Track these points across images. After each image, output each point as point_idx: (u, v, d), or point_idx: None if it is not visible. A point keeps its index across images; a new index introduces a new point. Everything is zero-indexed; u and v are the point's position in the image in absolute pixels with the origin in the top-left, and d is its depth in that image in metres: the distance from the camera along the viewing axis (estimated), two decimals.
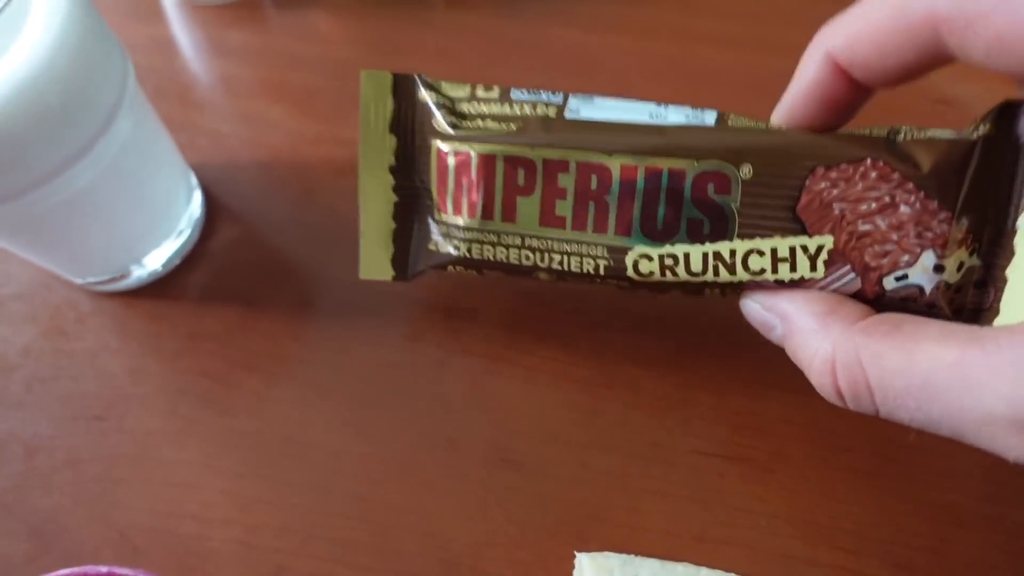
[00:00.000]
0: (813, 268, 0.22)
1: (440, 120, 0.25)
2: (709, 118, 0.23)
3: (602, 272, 0.24)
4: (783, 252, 0.22)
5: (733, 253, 0.22)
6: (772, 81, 0.23)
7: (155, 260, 0.31)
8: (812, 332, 0.20)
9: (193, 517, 0.27)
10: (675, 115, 0.23)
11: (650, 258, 0.23)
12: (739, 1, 0.37)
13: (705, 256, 0.23)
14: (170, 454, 0.28)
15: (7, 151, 0.23)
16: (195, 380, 0.30)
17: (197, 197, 0.33)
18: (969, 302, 0.21)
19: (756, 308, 0.23)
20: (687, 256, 0.23)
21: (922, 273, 0.21)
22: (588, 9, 0.37)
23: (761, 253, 0.22)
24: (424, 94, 0.25)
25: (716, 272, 0.23)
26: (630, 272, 0.23)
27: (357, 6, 0.39)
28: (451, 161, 0.24)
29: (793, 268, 0.22)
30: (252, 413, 0.29)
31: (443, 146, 0.25)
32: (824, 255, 0.22)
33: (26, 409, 0.30)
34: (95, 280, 0.31)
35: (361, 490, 0.27)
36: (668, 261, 0.23)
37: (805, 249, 0.22)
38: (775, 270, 0.22)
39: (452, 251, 0.25)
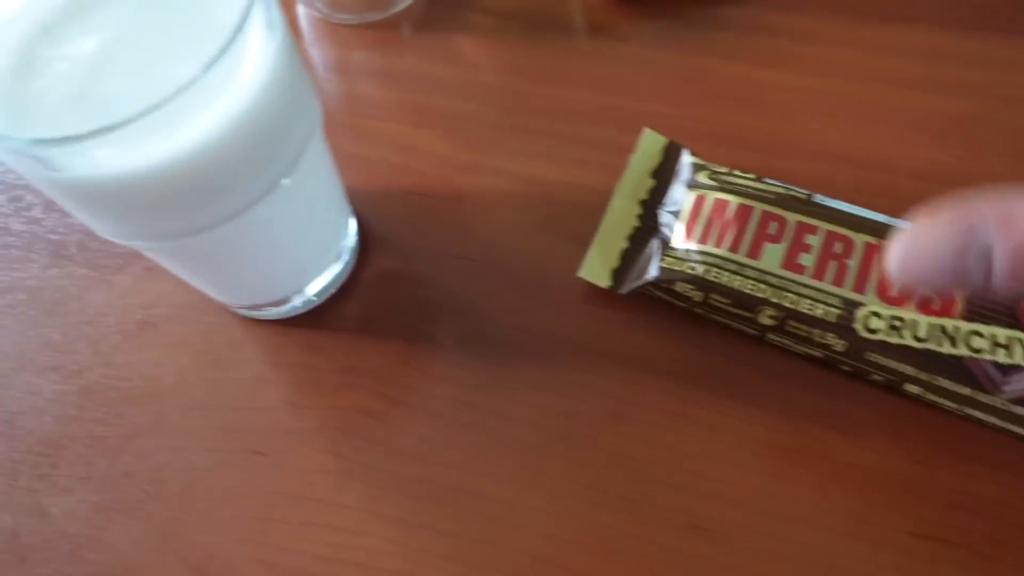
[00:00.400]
0: None
1: (702, 178, 0.30)
2: None
3: (831, 319, 0.26)
4: (1002, 339, 0.25)
5: (957, 329, 0.25)
6: (949, 125, 0.22)
7: (312, 288, 0.30)
8: None
9: (360, 566, 0.26)
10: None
11: (880, 316, 0.25)
12: (915, 40, 0.35)
13: (931, 325, 0.25)
14: (333, 496, 0.27)
15: (218, 184, 0.22)
16: (355, 418, 0.29)
17: (352, 225, 0.32)
18: None
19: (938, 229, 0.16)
20: (915, 322, 0.25)
21: None
22: (753, 43, 0.35)
23: (981, 335, 0.25)
24: (688, 158, 0.31)
25: (939, 342, 0.25)
26: (858, 325, 0.26)
27: (500, 30, 0.38)
28: (708, 204, 0.29)
29: (1010, 355, 0.25)
30: (417, 457, 0.28)
31: (702, 192, 0.29)
32: None
33: (183, 438, 0.29)
34: (251, 305, 0.30)
35: (535, 548, 0.26)
36: (897, 322, 0.25)
37: (1022, 342, 0.25)
38: (992, 352, 0.25)
39: (689, 271, 0.28)
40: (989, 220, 0.15)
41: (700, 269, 0.27)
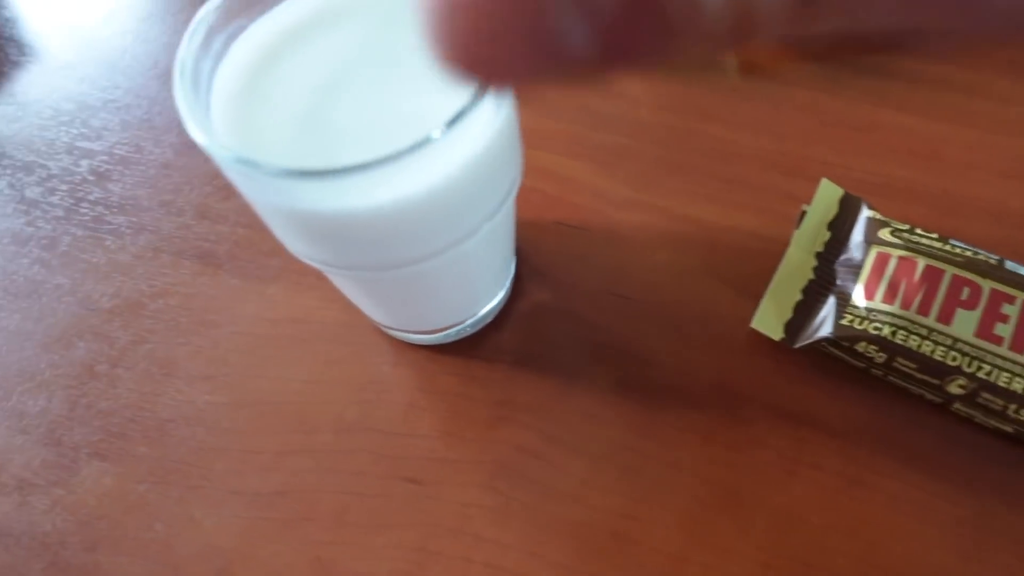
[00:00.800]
0: None
1: (884, 235, 0.29)
2: None
3: None
4: None
5: None
6: None
7: (471, 317, 0.30)
8: None
9: None
10: None
11: None
12: None
13: None
14: (491, 533, 0.27)
15: (433, 227, 0.22)
16: (513, 454, 0.28)
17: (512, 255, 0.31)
18: None
19: None
20: None
21: None
22: (926, 95, 0.34)
23: None
24: (867, 212, 0.30)
25: None
26: None
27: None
28: (892, 263, 0.28)
29: None
30: (578, 500, 0.27)
31: (885, 251, 0.28)
32: None
33: (335, 460, 0.29)
34: (409, 329, 0.30)
35: None
36: None
37: None
38: None
39: (873, 331, 0.26)
40: None
41: (886, 330, 0.26)
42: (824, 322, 0.28)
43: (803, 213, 0.31)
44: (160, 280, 0.33)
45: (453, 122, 0.19)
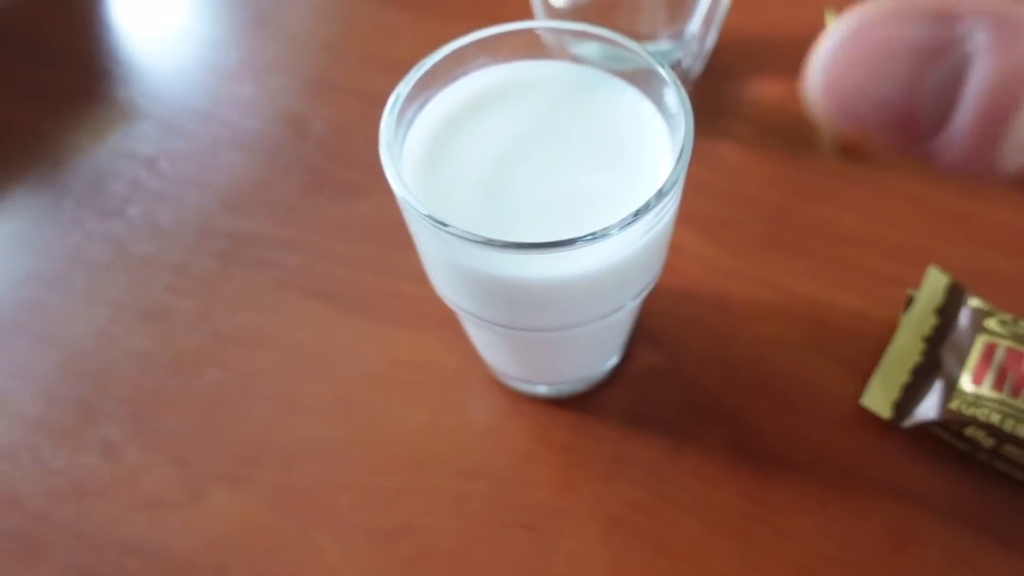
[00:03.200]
0: None
1: (991, 324, 0.30)
2: None
3: None
4: None
5: None
6: None
7: (588, 374, 0.32)
8: None
9: None
10: None
11: None
12: None
13: None
14: None
15: (595, 299, 0.24)
16: (625, 509, 0.29)
17: None
18: None
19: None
20: None
21: None
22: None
23: None
24: (973, 302, 0.31)
25: None
26: None
27: (762, 142, 0.39)
28: (1000, 353, 0.29)
29: None
30: (690, 560, 0.28)
31: (992, 339, 0.30)
32: None
33: (455, 503, 0.30)
34: (528, 380, 0.32)
35: None
36: None
37: None
38: None
39: (983, 417, 0.28)
40: (980, 16, 0.10)
41: (996, 418, 0.28)
42: (932, 405, 0.29)
43: (910, 298, 0.32)
44: (285, 315, 0.35)
45: (631, 221, 0.20)
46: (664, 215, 0.22)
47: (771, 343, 0.33)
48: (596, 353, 0.30)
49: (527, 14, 0.40)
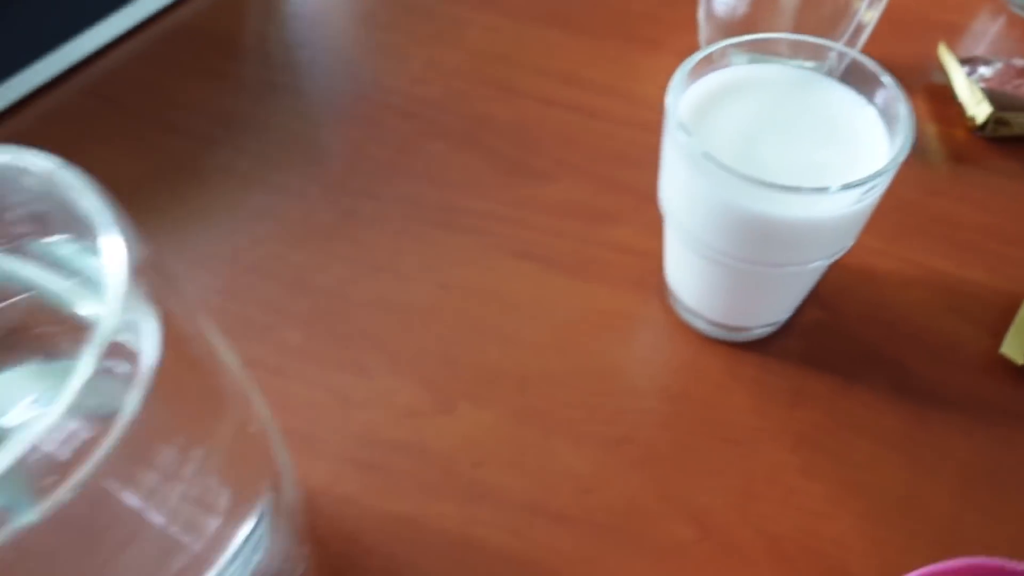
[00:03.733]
0: None
1: None
2: None
3: None
4: None
5: None
6: None
7: (770, 323, 0.38)
8: None
9: (833, 541, 0.33)
10: None
11: None
12: None
13: None
14: (799, 484, 0.34)
15: (826, 240, 0.31)
16: (809, 429, 0.36)
17: None
18: None
19: None
20: None
21: None
22: None
23: None
24: None
25: None
26: None
27: None
28: None
29: None
30: (866, 468, 0.35)
31: None
32: None
33: (666, 420, 0.36)
34: (722, 325, 0.38)
35: None
36: None
37: None
38: None
39: None
40: None
41: None
42: None
43: None
44: (499, 272, 0.42)
45: (865, 183, 0.28)
46: (879, 188, 0.30)
47: (915, 306, 0.40)
48: (791, 297, 0.37)
49: (669, 33, 0.48)
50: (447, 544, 0.33)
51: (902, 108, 0.30)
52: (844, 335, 0.39)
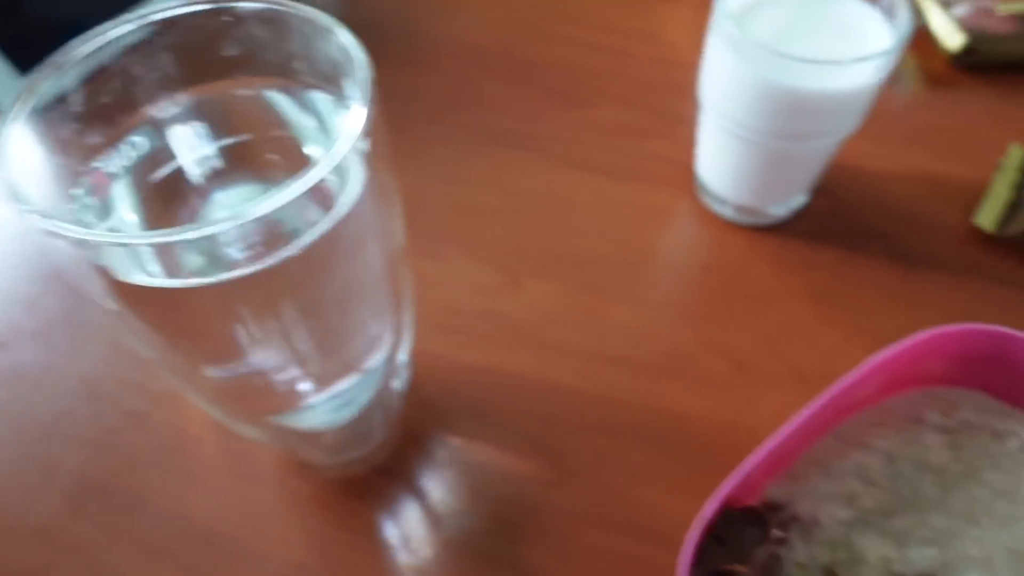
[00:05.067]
0: None
1: None
2: None
3: None
4: None
5: None
6: None
7: (787, 205, 0.46)
8: None
9: (846, 368, 0.40)
10: None
11: None
12: None
13: None
14: (814, 328, 0.42)
15: (842, 113, 0.38)
16: (821, 288, 0.43)
17: None
18: None
19: None
20: None
21: None
22: None
23: None
24: None
25: None
26: None
27: None
28: None
29: None
30: (869, 315, 0.42)
31: None
32: None
33: (695, 280, 0.44)
34: (747, 209, 0.46)
35: None
36: None
37: None
38: None
39: None
40: None
41: None
42: (1021, 222, 0.43)
43: (999, 164, 0.47)
44: (551, 181, 0.49)
45: (878, 57, 0.35)
46: (884, 66, 0.37)
47: (901, 194, 0.47)
48: (806, 176, 0.44)
49: None
50: (524, 385, 0.41)
51: (901, 8, 0.38)
52: (845, 218, 0.47)
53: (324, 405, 0.31)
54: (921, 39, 0.57)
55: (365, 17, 0.61)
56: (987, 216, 0.45)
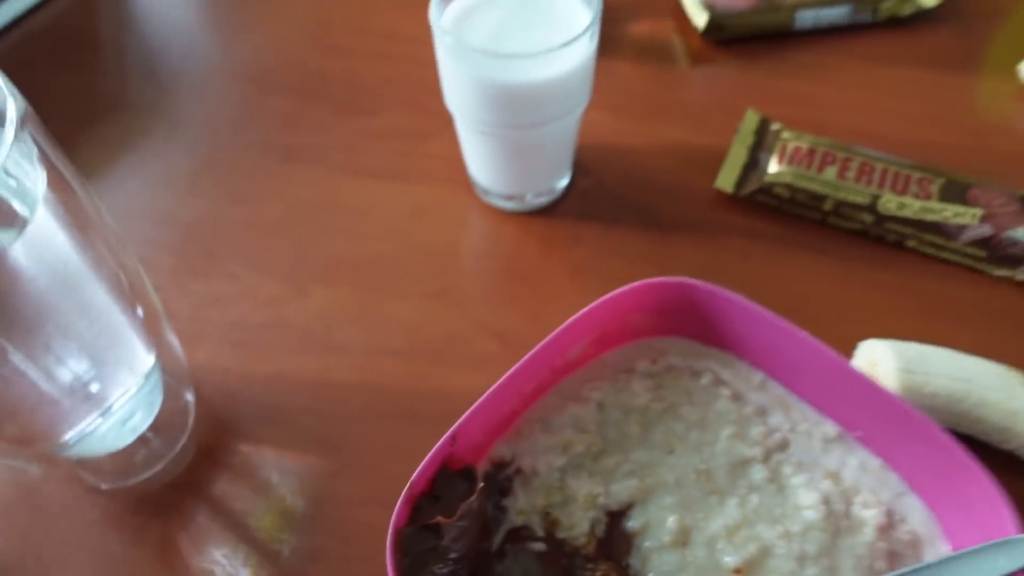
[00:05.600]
0: None
1: (786, 135, 0.50)
2: None
3: (864, 203, 0.46)
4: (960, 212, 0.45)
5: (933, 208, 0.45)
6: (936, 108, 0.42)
7: (551, 190, 0.49)
8: None
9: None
10: None
11: (891, 202, 0.45)
12: (858, 52, 0.56)
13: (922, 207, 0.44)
14: (575, 299, 0.45)
15: (561, 96, 0.42)
16: (583, 261, 0.47)
17: None
18: None
19: None
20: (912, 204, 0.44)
21: None
22: (803, 71, 0.57)
23: (947, 211, 0.45)
24: (774, 125, 0.52)
25: (925, 214, 0.44)
26: (879, 207, 0.45)
27: (640, 56, 0.59)
28: (790, 147, 0.50)
29: (962, 219, 0.44)
30: (625, 279, 0.46)
31: (785, 141, 0.50)
32: None
33: (479, 269, 0.47)
34: (508, 196, 0.49)
35: None
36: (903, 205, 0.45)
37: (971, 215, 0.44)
38: (954, 218, 0.44)
39: (780, 180, 0.47)
40: None
41: (788, 178, 0.47)
42: (755, 180, 0.48)
43: (737, 129, 0.52)
44: (337, 189, 0.52)
45: (571, 41, 0.39)
46: (587, 49, 0.41)
47: (659, 167, 0.52)
48: (556, 160, 0.48)
49: None
50: (309, 388, 0.43)
51: None
52: (608, 194, 0.51)
53: (101, 431, 0.33)
54: (680, 18, 0.62)
55: (155, 47, 0.62)
56: (726, 179, 0.49)
